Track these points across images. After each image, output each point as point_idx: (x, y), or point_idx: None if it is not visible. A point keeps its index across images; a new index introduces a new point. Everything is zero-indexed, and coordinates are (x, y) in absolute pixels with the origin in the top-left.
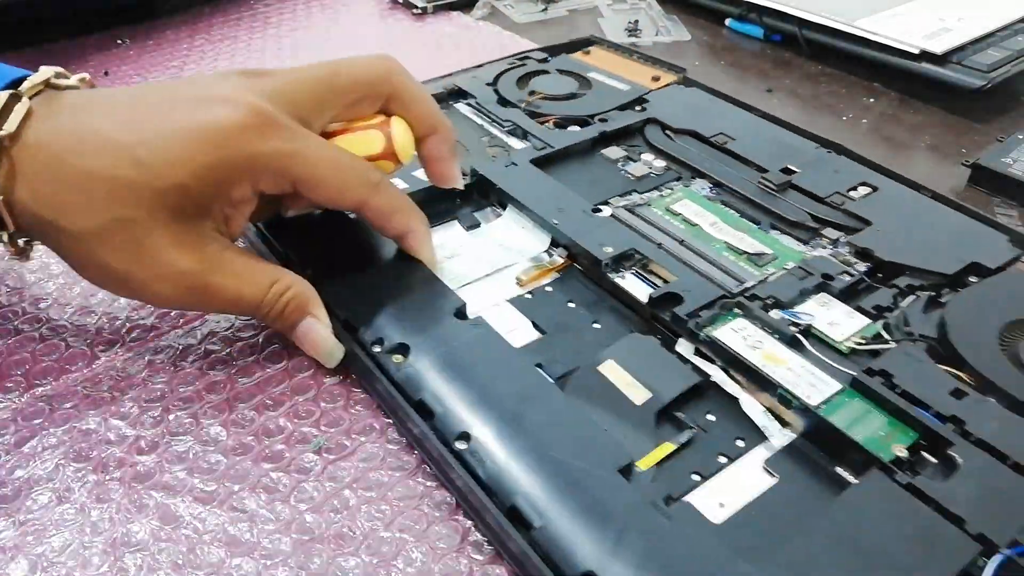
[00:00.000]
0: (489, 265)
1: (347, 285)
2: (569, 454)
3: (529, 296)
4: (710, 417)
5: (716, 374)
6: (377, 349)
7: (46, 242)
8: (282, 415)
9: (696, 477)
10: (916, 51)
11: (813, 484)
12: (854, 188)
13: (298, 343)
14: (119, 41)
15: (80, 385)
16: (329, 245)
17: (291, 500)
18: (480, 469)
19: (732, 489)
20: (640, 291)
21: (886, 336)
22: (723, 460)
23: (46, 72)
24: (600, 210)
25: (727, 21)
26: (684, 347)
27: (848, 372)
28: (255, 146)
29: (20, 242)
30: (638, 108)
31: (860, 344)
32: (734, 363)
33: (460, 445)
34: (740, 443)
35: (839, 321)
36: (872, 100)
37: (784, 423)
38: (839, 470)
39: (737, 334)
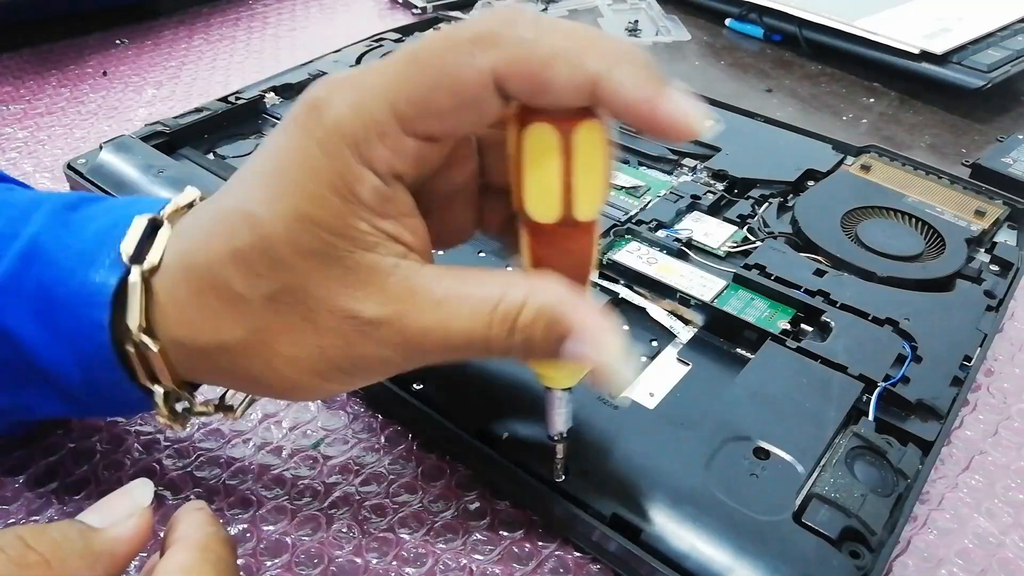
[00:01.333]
0: None
1: None
2: (515, 376)
3: (441, 252)
4: (625, 328)
5: (622, 291)
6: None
7: (218, 378)
8: (283, 411)
9: None
10: (916, 51)
11: (720, 364)
12: None
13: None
14: (118, 41)
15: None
16: None
17: (291, 495)
18: (442, 403)
19: (657, 380)
20: None
21: (752, 238)
22: (643, 360)
23: (191, 194)
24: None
25: (727, 21)
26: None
27: (729, 270)
28: (336, 110)
29: (176, 405)
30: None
31: (733, 247)
32: (637, 279)
33: (417, 387)
34: (654, 343)
35: (712, 231)
36: (872, 100)
37: (686, 321)
38: (738, 350)
39: (633, 255)
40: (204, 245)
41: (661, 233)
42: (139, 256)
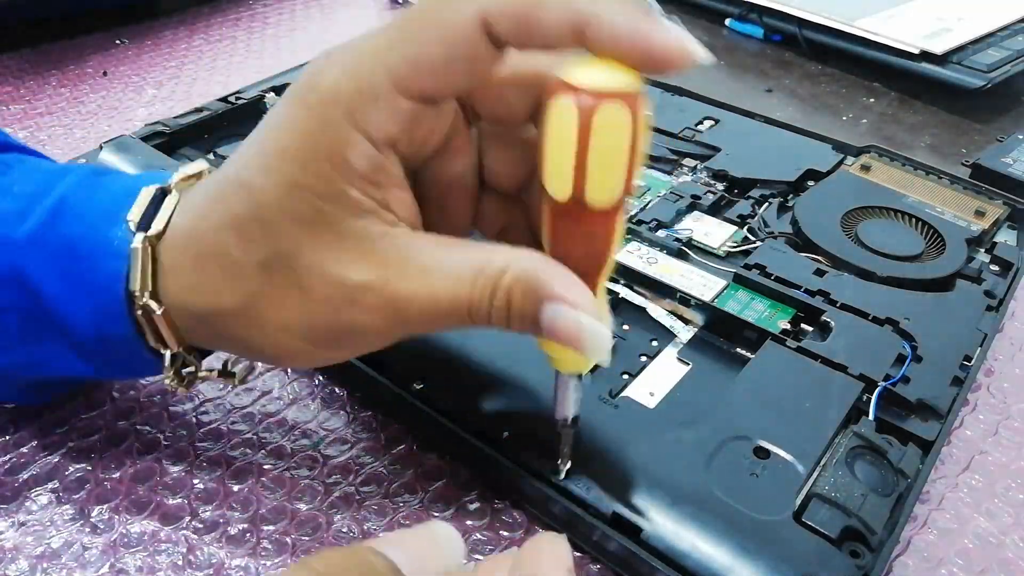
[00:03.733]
0: None
1: None
2: (515, 374)
3: None
4: (625, 327)
5: (622, 291)
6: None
7: (218, 344)
8: (283, 411)
9: (626, 376)
10: (916, 51)
11: (720, 363)
12: (700, 122)
13: (551, 339)
14: (118, 41)
15: (78, 385)
16: None
17: (291, 495)
18: (441, 404)
19: (657, 380)
20: None
21: (752, 238)
22: (644, 359)
23: (200, 165)
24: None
25: (727, 21)
26: None
27: (729, 270)
28: (331, 76)
29: (183, 370)
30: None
31: (733, 247)
32: (637, 279)
33: (417, 386)
34: (654, 343)
35: (712, 232)
36: (872, 100)
37: (686, 321)
38: (738, 350)
39: (633, 255)
40: (206, 213)
41: (661, 233)
42: (146, 224)
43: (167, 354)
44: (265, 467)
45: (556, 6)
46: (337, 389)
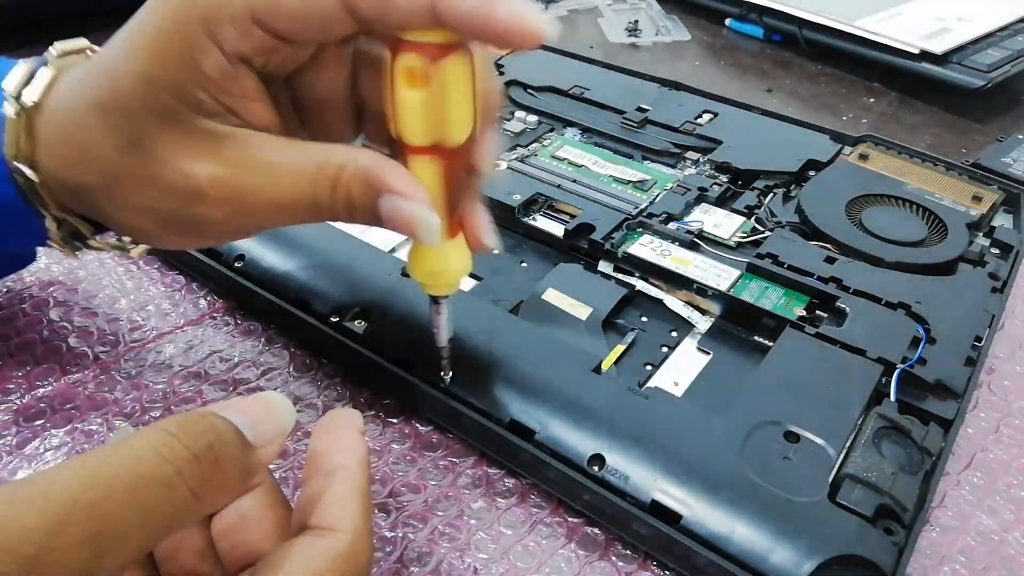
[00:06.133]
0: None
1: (289, 263)
2: (545, 367)
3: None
4: (644, 319)
5: (638, 283)
6: (336, 319)
7: (92, 215)
8: None
9: (649, 367)
10: (916, 51)
11: (739, 351)
12: (699, 116)
13: (390, 227)
14: None
15: (82, 386)
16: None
17: (295, 496)
18: (473, 399)
19: (680, 370)
20: (554, 228)
21: (760, 228)
22: (665, 350)
23: (81, 42)
24: (496, 165)
25: (727, 21)
26: (604, 267)
27: (741, 260)
28: None
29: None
30: (497, 73)
31: (743, 237)
32: (652, 271)
33: (446, 379)
34: (674, 334)
35: (722, 223)
36: (872, 100)
37: (703, 311)
38: (756, 338)
39: (646, 247)
40: (80, 93)
41: (672, 225)
42: (19, 93)
43: (48, 216)
44: (269, 467)
45: None
46: (340, 389)
